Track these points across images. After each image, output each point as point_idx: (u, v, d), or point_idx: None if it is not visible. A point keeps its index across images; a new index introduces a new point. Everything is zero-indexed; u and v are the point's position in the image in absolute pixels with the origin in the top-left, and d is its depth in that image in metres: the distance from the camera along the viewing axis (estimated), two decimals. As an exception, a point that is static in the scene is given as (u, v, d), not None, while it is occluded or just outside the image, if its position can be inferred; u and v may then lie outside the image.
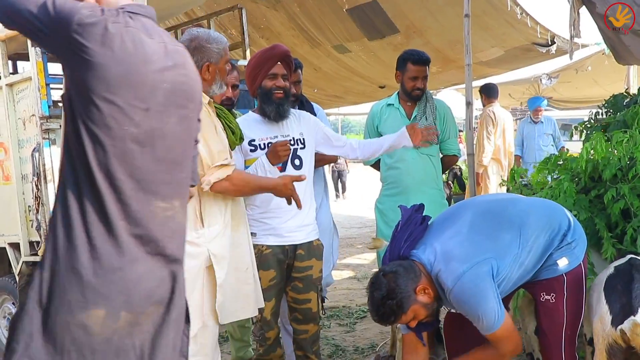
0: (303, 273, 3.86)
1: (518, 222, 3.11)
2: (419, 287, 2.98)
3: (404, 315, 2.99)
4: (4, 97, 4.93)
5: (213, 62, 3.18)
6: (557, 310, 3.13)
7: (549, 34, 8.09)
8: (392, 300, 2.93)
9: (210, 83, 3.21)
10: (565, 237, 3.12)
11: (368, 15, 7.84)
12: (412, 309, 2.98)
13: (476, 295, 2.92)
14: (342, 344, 5.29)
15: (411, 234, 3.14)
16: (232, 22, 7.50)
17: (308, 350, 3.97)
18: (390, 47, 8.44)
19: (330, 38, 8.52)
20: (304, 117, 3.98)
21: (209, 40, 3.18)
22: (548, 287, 3.14)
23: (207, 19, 6.37)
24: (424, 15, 7.74)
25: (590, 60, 11.43)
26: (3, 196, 5.16)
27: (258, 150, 3.77)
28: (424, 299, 3.00)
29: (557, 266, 3.10)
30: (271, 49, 3.85)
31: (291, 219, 3.78)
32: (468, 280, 2.92)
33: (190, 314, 2.45)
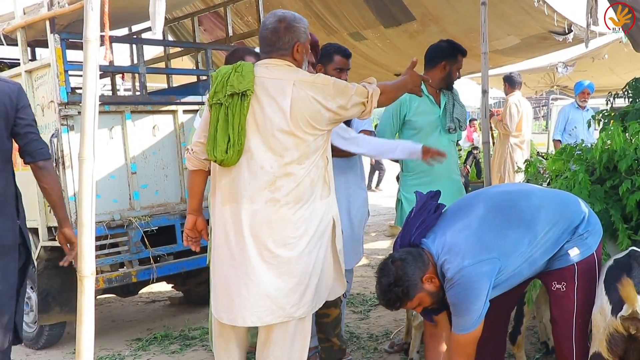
0: None
1: (528, 218, 3.13)
2: (425, 276, 3.03)
3: (409, 302, 3.06)
4: (23, 83, 4.96)
5: (302, 41, 3.16)
6: (568, 298, 3.16)
7: (566, 22, 8.02)
8: (398, 287, 3.00)
9: (300, 63, 3.19)
10: (577, 229, 3.14)
11: (384, 3, 7.81)
12: (417, 297, 3.04)
13: (469, 290, 2.97)
14: (357, 331, 5.32)
15: (424, 221, 3.18)
16: (249, 10, 7.51)
17: (330, 334, 4.05)
18: (406, 35, 8.41)
19: (346, 25, 8.50)
20: None
21: (296, 20, 3.17)
22: (559, 277, 3.17)
23: (224, 6, 6.38)
24: (440, 2, 7.70)
25: (607, 49, 11.33)
26: (22, 182, 5.17)
27: None
28: (429, 288, 3.05)
29: (569, 256, 3.13)
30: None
31: None
32: (467, 275, 2.97)
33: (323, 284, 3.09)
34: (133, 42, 6.70)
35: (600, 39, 9.83)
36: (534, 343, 4.71)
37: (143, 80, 5.34)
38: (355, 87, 3.11)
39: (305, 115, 3.00)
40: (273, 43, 3.13)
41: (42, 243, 5.00)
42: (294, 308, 3.09)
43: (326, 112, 3.03)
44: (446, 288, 3.05)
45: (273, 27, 3.13)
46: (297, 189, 3.05)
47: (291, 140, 3.01)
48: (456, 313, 3.05)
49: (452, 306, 3.07)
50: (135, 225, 4.97)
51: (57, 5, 4.58)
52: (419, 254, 3.08)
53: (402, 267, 3.02)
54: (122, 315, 6.35)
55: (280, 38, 3.12)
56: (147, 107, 5.21)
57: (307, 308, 3.15)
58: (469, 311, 2.99)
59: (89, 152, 2.53)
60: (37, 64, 4.93)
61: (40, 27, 4.82)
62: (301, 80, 3.03)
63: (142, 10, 4.81)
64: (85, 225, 2.54)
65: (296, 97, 3.00)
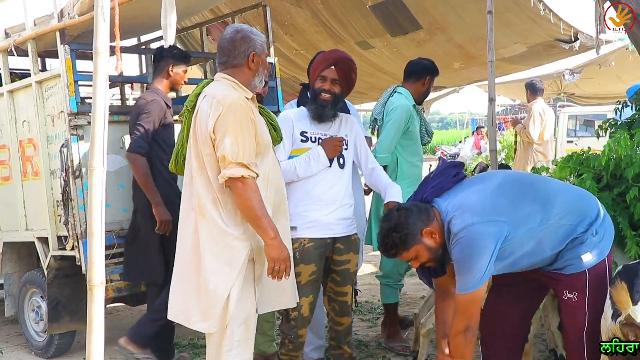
0: (341, 267, 3.97)
1: (544, 197, 3.14)
2: (426, 229, 3.05)
3: (405, 252, 3.08)
4: (33, 94, 5.01)
5: (257, 52, 3.31)
6: (579, 309, 3.14)
7: (572, 30, 8.04)
8: (397, 233, 3.03)
9: (254, 74, 3.33)
10: (592, 226, 3.12)
11: (391, 12, 7.85)
12: (414, 248, 3.06)
13: (473, 248, 2.96)
14: (365, 339, 5.33)
15: (440, 182, 3.21)
16: (257, 19, 7.53)
17: (341, 342, 4.09)
18: (413, 44, 8.45)
19: (353, 34, 8.54)
20: (350, 122, 4.11)
21: (253, 32, 3.33)
22: (570, 285, 3.15)
23: (232, 15, 6.42)
24: (447, 11, 7.73)
25: (613, 56, 11.34)
26: (32, 191, 5.26)
27: (309, 142, 3.89)
28: (428, 242, 3.07)
29: (582, 261, 3.10)
30: (328, 53, 4.06)
31: (331, 212, 3.88)
32: (474, 231, 2.97)
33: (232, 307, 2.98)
34: (142, 52, 6.75)
35: (607, 46, 9.84)
36: (543, 351, 4.71)
37: (152, 90, 5.36)
38: (228, 149, 3.09)
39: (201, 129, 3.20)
40: (229, 52, 3.30)
41: (52, 252, 5.03)
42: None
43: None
44: (451, 244, 3.05)
45: (230, 37, 3.31)
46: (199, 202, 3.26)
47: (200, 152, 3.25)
48: (459, 271, 3.04)
49: (456, 263, 3.06)
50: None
51: (67, 16, 4.62)
52: (425, 208, 3.11)
53: (405, 216, 3.05)
54: (131, 324, 6.33)
55: (236, 47, 3.29)
56: (156, 117, 5.23)
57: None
58: (472, 269, 2.97)
59: (99, 162, 2.55)
60: (48, 75, 4.97)
61: (51, 38, 4.86)
62: (214, 96, 3.19)
63: (152, 21, 4.86)
64: (95, 235, 2.56)
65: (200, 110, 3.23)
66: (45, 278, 5.08)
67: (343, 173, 3.96)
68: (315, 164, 3.82)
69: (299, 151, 3.88)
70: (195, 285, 3.25)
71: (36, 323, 5.47)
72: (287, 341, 3.91)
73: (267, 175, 3.33)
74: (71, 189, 4.72)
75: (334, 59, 3.93)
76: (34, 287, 5.41)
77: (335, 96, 3.91)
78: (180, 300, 3.33)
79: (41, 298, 5.32)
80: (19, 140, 5.30)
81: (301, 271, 3.78)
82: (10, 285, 5.71)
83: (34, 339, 5.49)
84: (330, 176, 3.90)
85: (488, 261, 2.96)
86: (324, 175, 3.88)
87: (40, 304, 5.35)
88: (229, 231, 3.19)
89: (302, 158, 3.84)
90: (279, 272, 3.20)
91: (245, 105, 3.19)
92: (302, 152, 3.87)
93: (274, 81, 5.74)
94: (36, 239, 5.22)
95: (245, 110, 3.17)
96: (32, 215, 5.31)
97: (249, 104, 3.25)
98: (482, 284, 2.99)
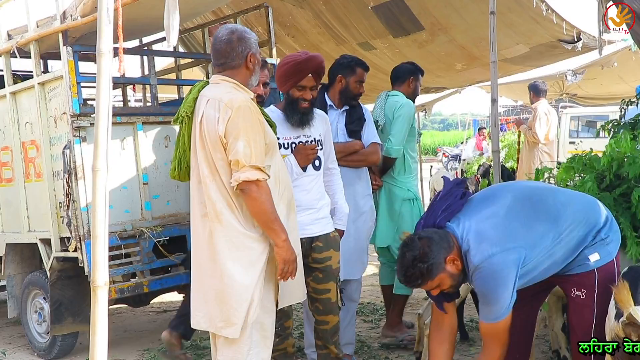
0: (323, 264, 3.98)
1: (555, 214, 3.14)
2: (449, 257, 3.03)
3: (430, 281, 3.05)
4: (36, 95, 5.02)
5: (254, 52, 3.31)
6: (588, 307, 3.13)
7: (575, 30, 8.01)
8: (423, 263, 2.99)
9: (252, 74, 3.33)
10: (599, 233, 3.13)
11: (393, 13, 7.83)
12: (439, 277, 3.04)
13: (498, 280, 2.98)
14: (367, 340, 5.32)
15: (450, 205, 3.19)
16: (259, 20, 7.52)
17: (328, 341, 4.07)
18: (415, 45, 8.43)
19: (355, 35, 8.52)
20: (322, 118, 4.11)
21: (247, 32, 3.33)
22: (579, 283, 3.15)
23: (234, 17, 6.42)
24: (449, 12, 7.71)
25: (616, 57, 11.28)
26: (35, 193, 5.26)
27: (282, 149, 3.86)
28: (452, 270, 3.05)
29: (589, 261, 3.11)
30: (306, 61, 3.92)
31: (308, 214, 3.91)
32: (495, 262, 2.97)
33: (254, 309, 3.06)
34: (144, 53, 6.74)
35: (610, 47, 9.80)
36: (546, 352, 4.70)
37: (154, 91, 5.38)
38: (241, 152, 3.09)
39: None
40: (227, 54, 3.28)
41: (54, 254, 5.04)
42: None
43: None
44: (472, 275, 3.05)
45: (226, 39, 3.29)
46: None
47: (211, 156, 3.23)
48: (485, 302, 3.06)
49: (481, 295, 3.08)
50: (147, 236, 4.99)
51: (69, 18, 4.63)
52: (445, 234, 3.09)
53: (428, 244, 3.02)
54: (133, 325, 6.38)
55: (234, 48, 3.27)
56: (159, 118, 5.25)
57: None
58: (499, 300, 2.99)
59: (102, 163, 2.54)
60: (50, 76, 4.98)
61: (53, 39, 4.87)
62: (220, 100, 3.16)
63: (154, 22, 4.87)
64: (99, 236, 2.56)
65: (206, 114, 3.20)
66: (48, 279, 5.09)
67: (318, 175, 4.01)
68: (289, 173, 3.79)
69: None
70: (216, 292, 3.24)
71: (39, 324, 5.48)
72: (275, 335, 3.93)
73: (277, 174, 3.34)
74: (74, 190, 4.72)
75: (312, 68, 3.90)
76: (37, 288, 5.42)
77: (313, 102, 3.97)
78: (203, 308, 3.31)
79: (44, 299, 5.33)
80: (22, 141, 5.31)
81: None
82: (12, 287, 5.72)
83: (36, 340, 5.50)
84: (306, 181, 3.94)
85: (512, 289, 2.99)
86: (300, 181, 3.90)
87: (43, 305, 5.36)
88: (248, 234, 3.20)
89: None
90: (287, 273, 3.23)
91: (252, 106, 3.19)
92: None
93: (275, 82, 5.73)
94: (39, 240, 5.23)
95: (253, 112, 3.17)
96: (35, 217, 5.32)
97: (255, 105, 3.25)
98: (509, 311, 3.02)
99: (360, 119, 4.53)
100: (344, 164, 4.31)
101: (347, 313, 4.58)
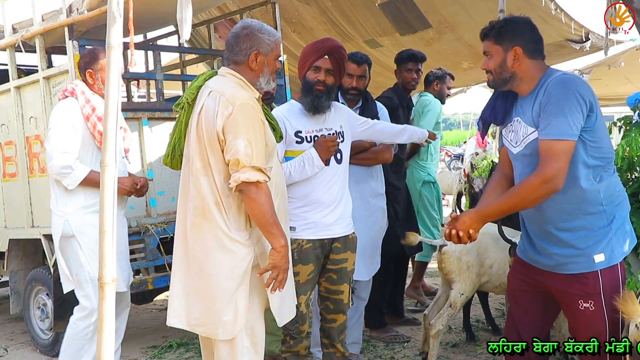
0: (338, 265, 3.91)
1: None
2: (518, 49, 3.01)
3: (490, 42, 3.08)
4: (41, 90, 4.98)
5: (262, 52, 3.15)
6: (599, 318, 2.99)
7: (583, 30, 7.98)
8: (506, 25, 3.05)
9: (258, 74, 3.19)
10: (615, 218, 3.02)
11: (400, 10, 7.80)
12: (498, 48, 3.05)
13: (569, 91, 2.89)
14: (372, 339, 5.28)
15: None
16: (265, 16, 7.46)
17: (335, 339, 4.02)
18: (422, 42, 8.39)
19: (362, 32, 8.49)
20: (340, 109, 4.03)
21: (261, 30, 3.17)
22: (584, 293, 3.00)
23: (240, 13, 6.40)
24: (457, 10, 7.68)
25: (623, 57, 11.25)
26: (39, 188, 5.22)
27: (304, 142, 3.82)
28: (510, 58, 3.02)
29: (593, 261, 2.98)
30: (320, 42, 3.90)
31: (330, 213, 3.83)
32: (573, 79, 2.95)
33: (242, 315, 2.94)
34: (150, 48, 6.70)
35: (617, 47, 9.78)
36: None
37: (160, 87, 5.33)
38: (242, 152, 2.96)
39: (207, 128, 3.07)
40: (232, 48, 3.19)
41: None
42: None
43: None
44: (544, 84, 2.97)
45: (235, 33, 3.20)
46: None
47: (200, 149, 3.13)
48: (548, 113, 2.90)
49: (547, 104, 2.92)
50: (152, 232, 4.95)
51: (76, 11, 4.58)
52: (538, 45, 3.10)
53: (521, 22, 3.08)
54: (137, 322, 6.33)
55: (239, 44, 3.16)
56: (164, 114, 5.20)
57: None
58: (563, 110, 2.85)
59: (111, 159, 2.49)
60: (55, 71, 4.93)
61: (59, 33, 4.82)
62: (222, 94, 3.05)
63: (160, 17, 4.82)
64: (107, 232, 2.51)
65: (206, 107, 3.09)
66: (51, 275, 5.04)
67: (340, 168, 3.90)
68: (310, 168, 3.76)
69: (294, 153, 3.81)
70: (197, 290, 3.14)
71: (41, 321, 5.44)
72: (289, 338, 3.91)
73: (273, 178, 3.19)
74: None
75: (327, 48, 3.83)
76: (40, 284, 5.38)
77: (329, 87, 3.84)
78: (182, 306, 3.19)
79: (47, 296, 5.29)
80: (26, 136, 5.26)
81: (299, 271, 3.75)
82: (15, 283, 5.67)
83: (39, 337, 5.46)
84: (328, 176, 3.85)
85: (577, 113, 2.86)
86: (321, 176, 3.82)
87: (46, 301, 5.32)
88: (232, 236, 3.07)
89: (297, 162, 3.76)
90: (276, 280, 3.05)
91: (255, 105, 3.06)
92: (297, 154, 3.80)
93: (282, 79, 5.69)
94: (42, 236, 5.18)
95: (255, 111, 3.04)
96: (39, 212, 5.28)
97: (258, 104, 3.13)
98: (572, 138, 2.86)
99: (373, 117, 4.44)
100: (354, 162, 4.23)
101: (355, 312, 4.53)
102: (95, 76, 4.19)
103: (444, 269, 4.45)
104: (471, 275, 4.34)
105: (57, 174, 4.09)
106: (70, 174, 4.06)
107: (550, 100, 2.91)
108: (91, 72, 4.20)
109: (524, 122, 3.06)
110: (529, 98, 3.06)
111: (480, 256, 4.36)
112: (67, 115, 4.11)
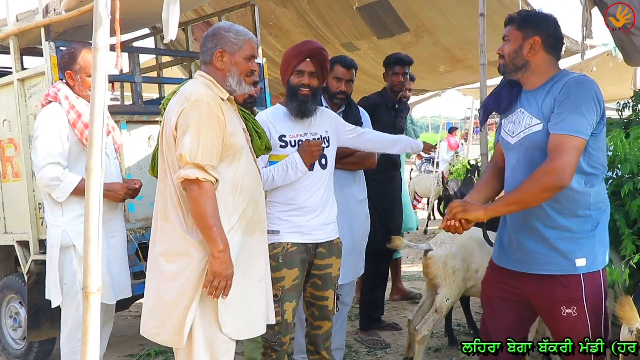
0: (323, 271, 3.85)
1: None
2: (537, 38, 3.01)
3: (513, 28, 3.06)
4: (15, 92, 4.85)
5: (227, 50, 3.10)
6: (582, 323, 2.97)
7: (558, 34, 8.02)
8: (527, 15, 3.08)
9: (225, 74, 3.12)
10: (596, 216, 3.01)
11: (378, 14, 7.79)
12: (518, 35, 3.03)
13: (587, 92, 2.86)
14: (354, 345, 5.24)
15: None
16: (242, 19, 7.41)
17: (320, 346, 3.96)
18: (400, 46, 8.38)
19: (339, 36, 8.46)
20: (326, 114, 3.97)
21: (228, 30, 3.13)
22: (566, 298, 2.97)
23: (218, 15, 6.32)
24: (434, 14, 7.68)
25: (595, 61, 11.39)
26: (12, 193, 5.09)
27: (288, 147, 3.75)
28: (527, 47, 3.01)
29: (575, 264, 2.95)
30: (301, 45, 3.84)
31: (314, 218, 3.76)
32: (589, 81, 2.91)
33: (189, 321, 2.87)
34: (129, 50, 6.57)
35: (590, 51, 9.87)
36: (535, 357, 4.64)
37: (139, 89, 5.23)
38: (187, 147, 2.88)
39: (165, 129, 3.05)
40: (201, 49, 3.17)
41: (32, 257, 4.85)
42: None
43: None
44: (565, 81, 2.93)
45: (206, 34, 3.16)
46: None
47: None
48: (563, 109, 2.86)
49: (562, 99, 2.89)
50: (130, 238, 4.84)
51: (52, 12, 4.46)
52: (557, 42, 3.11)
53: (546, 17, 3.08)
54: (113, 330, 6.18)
55: (205, 44, 3.14)
56: (143, 117, 5.10)
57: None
58: (580, 109, 2.82)
59: (97, 164, 2.41)
60: (31, 72, 4.79)
61: (34, 34, 4.69)
62: (182, 92, 3.03)
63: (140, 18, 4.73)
64: (92, 240, 2.42)
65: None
66: (25, 283, 4.91)
67: (324, 174, 3.83)
68: (293, 172, 3.68)
69: (278, 157, 3.73)
70: (156, 297, 3.06)
71: (14, 330, 5.30)
72: (270, 350, 3.78)
73: (237, 181, 3.08)
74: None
75: (309, 50, 3.76)
76: (12, 292, 5.24)
77: (314, 89, 3.78)
78: (146, 314, 3.12)
79: (20, 304, 5.16)
80: (-1, 140, 5.13)
81: (285, 276, 3.67)
82: (-14, 291, 5.51)
83: (11, 346, 5.32)
84: (312, 181, 3.78)
85: (592, 113, 2.84)
86: (305, 181, 3.75)
87: (19, 310, 5.19)
88: (188, 238, 2.98)
89: (280, 166, 3.69)
90: (217, 288, 2.92)
91: (213, 103, 2.96)
92: (281, 158, 3.72)
93: (262, 82, 5.63)
94: (16, 242, 5.05)
95: (212, 108, 2.94)
96: (12, 218, 5.14)
97: (219, 103, 3.02)
98: (584, 136, 2.82)
99: (356, 122, 4.40)
100: (339, 166, 4.18)
101: (339, 317, 4.48)
102: (75, 77, 4.09)
103: (430, 274, 4.42)
104: (457, 280, 4.32)
105: (45, 186, 3.96)
106: (59, 186, 3.94)
107: (569, 97, 2.87)
108: (70, 73, 4.09)
109: (529, 114, 3.03)
110: (538, 92, 3.03)
111: (466, 261, 4.34)
112: (52, 122, 3.99)
